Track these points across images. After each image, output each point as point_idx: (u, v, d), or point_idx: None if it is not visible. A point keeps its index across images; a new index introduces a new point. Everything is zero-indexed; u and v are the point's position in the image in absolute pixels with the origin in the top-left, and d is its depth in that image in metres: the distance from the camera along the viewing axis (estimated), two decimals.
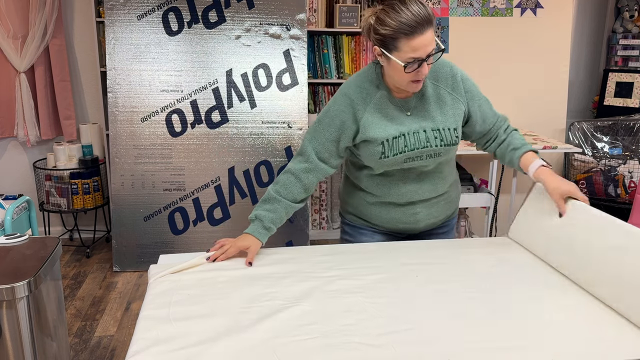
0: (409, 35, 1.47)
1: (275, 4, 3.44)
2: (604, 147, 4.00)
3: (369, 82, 1.68)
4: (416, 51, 1.49)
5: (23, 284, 1.55)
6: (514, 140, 1.76)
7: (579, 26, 4.28)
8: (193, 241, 3.48)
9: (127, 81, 3.34)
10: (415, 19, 1.46)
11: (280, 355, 1.15)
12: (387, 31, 1.49)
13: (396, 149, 1.65)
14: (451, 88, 1.70)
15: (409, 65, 1.51)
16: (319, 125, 1.71)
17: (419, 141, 1.66)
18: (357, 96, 1.67)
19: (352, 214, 1.89)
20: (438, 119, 1.68)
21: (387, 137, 1.65)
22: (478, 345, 1.19)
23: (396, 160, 1.67)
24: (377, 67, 1.68)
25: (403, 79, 1.56)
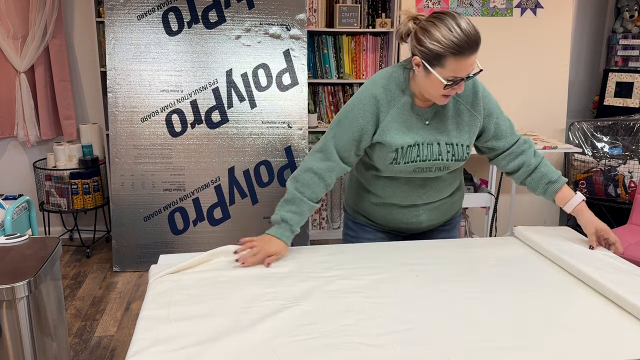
0: (457, 55, 1.46)
1: (275, 4, 3.44)
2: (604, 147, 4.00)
3: (395, 86, 1.65)
4: (459, 72, 1.49)
5: (23, 284, 1.55)
6: (549, 171, 1.75)
7: (579, 26, 4.28)
8: (193, 241, 3.49)
9: (127, 81, 3.34)
10: (467, 41, 1.45)
11: (280, 355, 1.15)
12: (436, 47, 1.47)
13: (408, 157, 1.65)
14: (471, 105, 1.69)
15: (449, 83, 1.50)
16: (342, 124, 1.68)
17: (432, 153, 1.66)
18: (383, 97, 1.64)
19: (356, 211, 1.91)
20: (453, 133, 1.68)
21: (403, 144, 1.64)
22: (478, 345, 1.19)
23: (406, 168, 1.67)
24: (405, 71, 1.65)
25: (436, 93, 1.55)
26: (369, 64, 3.93)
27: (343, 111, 1.69)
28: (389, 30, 3.85)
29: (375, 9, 3.88)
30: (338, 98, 4.00)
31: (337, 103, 4.01)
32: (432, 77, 1.52)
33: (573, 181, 3.92)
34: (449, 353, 1.17)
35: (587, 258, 1.60)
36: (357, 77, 3.94)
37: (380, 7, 3.88)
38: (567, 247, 1.69)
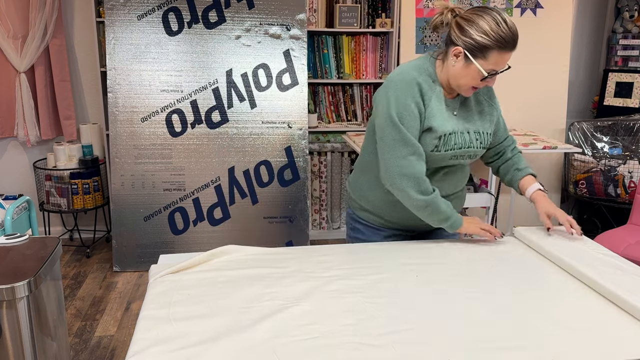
0: (501, 50, 1.54)
1: (275, 4, 3.44)
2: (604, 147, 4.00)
3: (427, 76, 1.68)
4: (498, 65, 1.57)
5: (23, 284, 1.55)
6: (519, 161, 1.89)
7: (579, 26, 4.28)
8: (193, 241, 3.49)
9: (127, 81, 3.34)
10: (513, 37, 1.55)
11: (280, 355, 1.15)
12: (483, 39, 1.54)
13: (448, 145, 1.68)
14: (488, 96, 1.78)
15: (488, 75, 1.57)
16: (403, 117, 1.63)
17: (465, 141, 1.71)
18: (425, 85, 1.65)
19: (369, 211, 1.86)
20: (478, 122, 1.74)
21: (445, 131, 1.67)
22: (478, 345, 1.19)
23: (444, 156, 1.70)
24: (431, 64, 1.69)
25: (469, 83, 1.61)
26: (369, 64, 3.94)
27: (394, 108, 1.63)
28: (389, 30, 3.85)
29: (375, 9, 3.88)
30: (338, 98, 4.00)
31: (337, 103, 4.01)
32: (472, 68, 1.58)
33: (573, 181, 3.92)
34: (449, 353, 1.17)
35: (587, 258, 1.60)
36: (357, 77, 3.94)
37: (380, 7, 3.88)
38: (567, 247, 1.69)
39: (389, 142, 1.65)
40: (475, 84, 1.61)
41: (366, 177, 1.85)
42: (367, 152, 1.83)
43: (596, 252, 1.66)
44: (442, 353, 1.17)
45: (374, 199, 1.83)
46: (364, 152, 1.86)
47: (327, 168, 4.00)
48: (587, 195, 3.84)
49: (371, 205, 1.85)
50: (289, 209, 3.56)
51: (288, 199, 3.55)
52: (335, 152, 3.97)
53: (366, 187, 1.85)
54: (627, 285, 1.41)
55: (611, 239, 2.97)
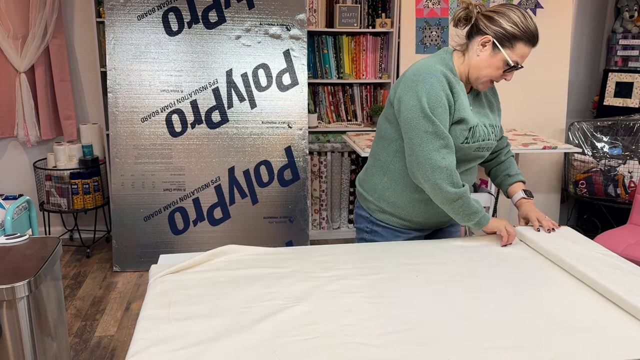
0: (527, 42, 1.62)
1: (275, 4, 3.44)
2: (603, 147, 4.00)
3: (449, 70, 1.70)
4: (522, 58, 1.63)
5: (23, 284, 1.55)
6: (510, 166, 1.96)
7: (579, 26, 4.28)
8: (193, 241, 3.49)
9: (127, 81, 3.34)
10: (537, 33, 1.63)
11: (280, 355, 1.15)
12: (514, 29, 1.60)
13: (475, 137, 1.71)
14: (492, 92, 1.86)
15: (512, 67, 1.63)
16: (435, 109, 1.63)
17: (485, 134, 1.75)
18: (451, 79, 1.68)
19: (390, 213, 1.83)
20: (490, 116, 1.80)
21: (474, 123, 1.70)
22: (478, 345, 1.19)
23: (471, 147, 1.72)
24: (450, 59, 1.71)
25: (490, 74, 1.66)
26: (369, 64, 3.94)
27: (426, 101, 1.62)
28: (389, 30, 3.85)
29: (375, 9, 3.88)
30: (338, 98, 4.00)
31: (337, 103, 4.01)
32: (498, 58, 1.63)
33: (573, 181, 3.92)
34: (449, 353, 1.17)
35: (587, 258, 1.60)
36: (357, 77, 3.94)
37: (380, 7, 3.88)
38: (567, 247, 1.69)
39: (421, 135, 1.63)
40: (496, 75, 1.66)
41: (387, 178, 1.80)
42: (385, 153, 1.79)
43: (596, 252, 1.66)
44: (442, 353, 1.17)
45: (397, 200, 1.80)
46: (380, 153, 1.81)
47: (327, 168, 4.00)
48: (587, 195, 3.84)
49: (393, 207, 1.81)
50: (289, 209, 3.56)
51: (288, 199, 3.55)
52: (335, 152, 3.97)
53: (387, 188, 1.81)
54: (627, 285, 1.41)
55: (611, 239, 2.97)
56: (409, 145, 1.67)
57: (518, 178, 1.93)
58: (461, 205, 1.69)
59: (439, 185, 1.65)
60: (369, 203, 1.87)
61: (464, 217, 1.72)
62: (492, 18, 1.63)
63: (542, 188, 4.14)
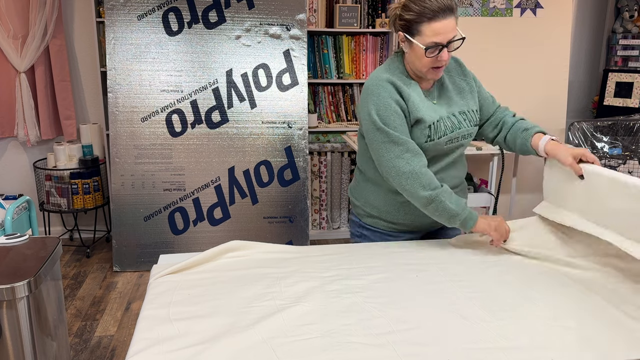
0: (431, 19, 1.56)
1: (275, 4, 3.44)
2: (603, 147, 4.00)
3: (400, 73, 1.72)
4: (437, 35, 1.57)
5: (23, 284, 1.55)
6: (524, 123, 1.81)
7: (579, 26, 4.28)
8: (193, 241, 3.49)
9: (127, 81, 3.34)
10: (438, 5, 1.55)
11: (280, 355, 1.15)
12: (411, 16, 1.58)
13: (440, 131, 1.70)
14: (462, 75, 1.82)
15: (429, 49, 1.58)
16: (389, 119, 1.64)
17: (454, 124, 1.73)
18: (399, 82, 1.68)
19: (377, 217, 1.85)
20: (460, 102, 1.77)
21: (432, 120, 1.69)
22: (478, 345, 1.19)
23: (439, 143, 1.71)
24: (399, 62, 1.72)
25: (423, 64, 1.63)
26: (369, 64, 3.94)
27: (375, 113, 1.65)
28: (389, 30, 3.85)
29: (375, 9, 3.88)
30: (338, 98, 4.00)
31: (337, 103, 4.01)
32: (415, 48, 1.62)
33: None
34: (448, 353, 1.17)
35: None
36: (357, 77, 3.94)
37: (380, 7, 3.88)
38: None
39: (380, 146, 1.66)
40: (428, 62, 1.61)
41: (369, 184, 1.84)
42: (363, 160, 1.84)
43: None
44: (442, 353, 1.17)
45: (380, 204, 1.82)
46: (361, 159, 1.86)
47: (327, 168, 4.00)
48: None
49: (378, 211, 1.83)
50: (289, 209, 3.56)
51: (288, 199, 3.55)
52: (335, 152, 3.97)
53: (370, 193, 1.84)
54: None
55: None
56: (375, 157, 1.71)
57: (536, 129, 1.76)
58: (436, 208, 1.65)
59: (409, 190, 1.66)
60: (357, 208, 1.91)
61: (446, 220, 1.67)
62: (400, 14, 1.62)
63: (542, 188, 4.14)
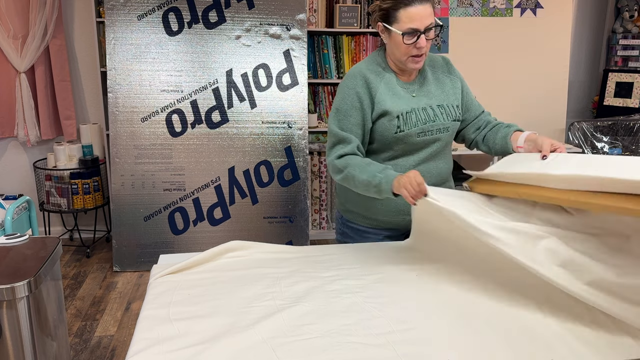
0: (407, 5, 1.59)
1: (275, 4, 3.44)
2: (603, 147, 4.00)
3: (376, 65, 1.77)
4: (414, 21, 1.60)
5: (23, 284, 1.55)
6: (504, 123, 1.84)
7: (579, 26, 4.28)
8: (193, 241, 3.49)
9: (127, 81, 3.34)
10: None
11: (280, 355, 1.15)
12: (388, 4, 1.62)
13: (410, 122, 1.72)
14: (447, 72, 1.84)
15: (407, 35, 1.61)
16: (340, 112, 1.73)
17: (429, 116, 1.74)
18: (370, 75, 1.74)
19: (355, 212, 1.87)
20: (440, 96, 1.79)
21: (402, 111, 1.71)
22: (478, 345, 1.19)
23: (411, 133, 1.72)
24: (381, 54, 1.78)
25: (403, 52, 1.66)
26: None
27: (337, 102, 1.76)
28: None
29: None
30: None
31: None
32: (393, 36, 1.65)
33: None
34: (448, 353, 1.17)
35: None
36: None
37: None
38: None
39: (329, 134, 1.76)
40: (405, 51, 1.64)
41: None
42: None
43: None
44: (442, 353, 1.17)
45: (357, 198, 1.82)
46: None
47: (327, 168, 4.00)
48: None
49: (356, 206, 1.85)
50: (289, 209, 3.56)
51: (288, 199, 3.55)
52: None
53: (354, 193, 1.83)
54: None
55: None
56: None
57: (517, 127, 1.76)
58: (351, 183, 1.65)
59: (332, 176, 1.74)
60: (340, 204, 1.94)
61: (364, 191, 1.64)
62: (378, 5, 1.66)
63: None
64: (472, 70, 3.87)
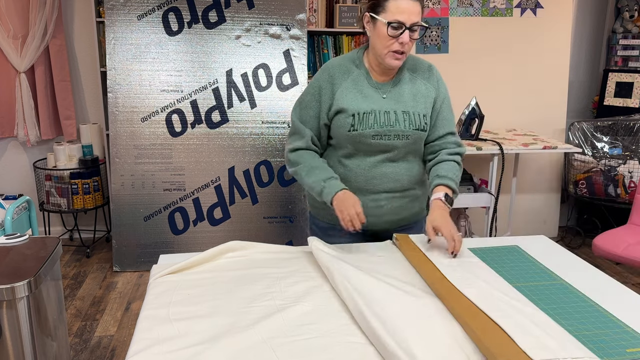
0: None
1: (275, 4, 3.44)
2: (604, 147, 4.00)
3: (349, 61, 1.78)
4: (402, 14, 1.60)
5: (23, 284, 1.55)
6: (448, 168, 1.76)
7: (579, 26, 4.28)
8: (193, 241, 3.49)
9: (127, 81, 3.34)
10: None
11: (280, 355, 1.15)
12: None
13: (366, 123, 1.71)
14: (426, 78, 1.79)
15: (391, 26, 1.60)
16: (302, 103, 1.80)
17: (389, 120, 1.73)
18: (337, 71, 1.75)
19: (318, 207, 1.87)
20: (410, 104, 1.75)
21: (359, 110, 1.71)
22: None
23: (364, 134, 1.71)
24: (360, 51, 1.79)
25: (384, 45, 1.65)
26: None
27: (302, 93, 1.81)
28: None
29: None
30: None
31: None
32: (378, 27, 1.64)
33: (573, 181, 3.92)
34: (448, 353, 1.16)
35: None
36: None
37: None
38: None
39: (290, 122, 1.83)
40: (388, 44, 1.63)
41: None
42: None
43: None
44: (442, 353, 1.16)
45: None
46: None
47: None
48: (587, 195, 3.84)
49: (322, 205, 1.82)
50: (289, 209, 3.56)
51: (288, 199, 3.55)
52: None
53: None
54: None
55: (611, 239, 2.97)
56: None
57: (445, 182, 1.71)
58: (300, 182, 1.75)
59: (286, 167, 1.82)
60: (309, 198, 1.94)
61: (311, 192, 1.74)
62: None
63: (542, 188, 4.14)
64: (472, 70, 3.87)
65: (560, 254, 1.73)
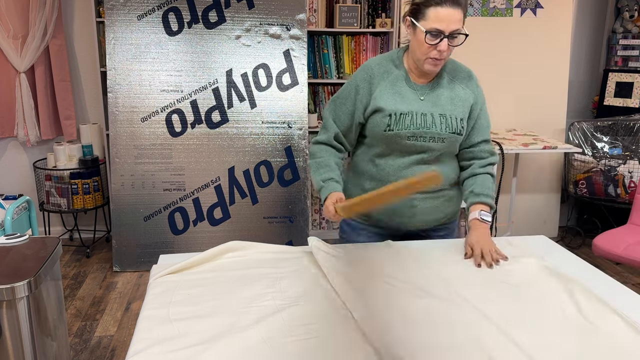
0: (437, 4, 1.58)
1: (275, 4, 3.44)
2: (604, 147, 4.00)
3: (389, 61, 1.78)
4: (441, 22, 1.59)
5: (23, 284, 1.55)
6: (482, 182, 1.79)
7: (579, 26, 4.28)
8: (193, 241, 3.49)
9: (127, 81, 3.34)
10: None
11: (280, 355, 1.15)
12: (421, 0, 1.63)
13: (402, 124, 1.71)
14: (466, 83, 1.80)
15: (430, 34, 1.60)
16: (337, 99, 1.81)
17: (425, 122, 1.72)
18: (377, 69, 1.76)
19: None
20: (447, 107, 1.75)
21: (396, 110, 1.71)
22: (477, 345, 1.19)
23: (400, 135, 1.71)
24: (400, 51, 1.79)
25: (423, 52, 1.65)
26: None
27: (340, 89, 1.82)
28: (389, 30, 3.85)
29: (375, 9, 3.88)
30: None
31: None
32: (417, 33, 1.64)
33: (573, 181, 3.92)
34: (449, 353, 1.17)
35: None
36: None
37: (380, 7, 3.88)
38: None
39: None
40: (425, 50, 1.63)
41: (351, 172, 1.91)
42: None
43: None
44: (443, 353, 1.17)
45: (353, 192, 1.84)
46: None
47: None
48: (587, 195, 3.84)
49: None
50: (289, 209, 3.56)
51: (288, 199, 3.55)
52: None
53: (350, 181, 1.91)
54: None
55: (611, 239, 2.97)
56: None
57: (481, 199, 1.76)
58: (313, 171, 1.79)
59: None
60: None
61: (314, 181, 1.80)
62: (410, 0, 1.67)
63: (542, 188, 4.14)
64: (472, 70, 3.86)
65: (560, 254, 1.73)
